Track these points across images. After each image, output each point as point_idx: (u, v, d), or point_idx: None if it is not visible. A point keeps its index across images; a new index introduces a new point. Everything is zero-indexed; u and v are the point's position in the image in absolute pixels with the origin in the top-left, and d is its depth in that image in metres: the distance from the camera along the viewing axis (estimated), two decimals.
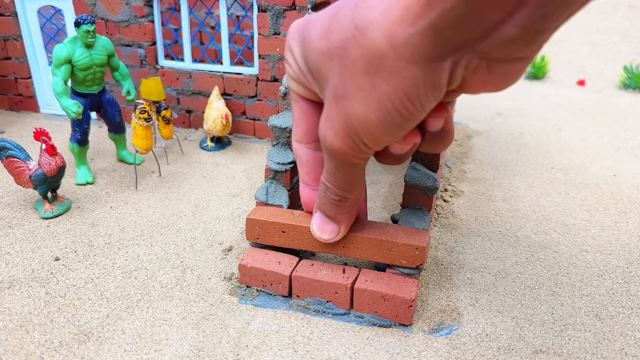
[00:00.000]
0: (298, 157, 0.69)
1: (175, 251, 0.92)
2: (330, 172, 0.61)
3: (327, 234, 0.72)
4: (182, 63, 1.44)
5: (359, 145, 0.54)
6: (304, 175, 0.71)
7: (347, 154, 0.56)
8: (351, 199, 0.65)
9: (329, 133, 0.55)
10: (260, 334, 0.73)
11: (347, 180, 0.61)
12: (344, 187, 0.62)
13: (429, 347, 0.72)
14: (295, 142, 0.68)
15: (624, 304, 0.82)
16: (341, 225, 0.71)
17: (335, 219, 0.70)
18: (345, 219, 0.70)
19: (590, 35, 3.19)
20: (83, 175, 1.16)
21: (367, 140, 0.53)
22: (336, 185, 0.63)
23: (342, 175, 0.60)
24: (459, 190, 1.18)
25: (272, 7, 1.28)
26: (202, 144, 1.39)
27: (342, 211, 0.67)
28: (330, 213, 0.68)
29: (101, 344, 0.70)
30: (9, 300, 0.78)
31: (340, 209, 0.67)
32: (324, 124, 0.55)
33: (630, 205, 1.13)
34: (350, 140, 0.54)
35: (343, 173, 0.60)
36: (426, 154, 0.82)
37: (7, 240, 0.93)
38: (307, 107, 0.64)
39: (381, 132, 0.51)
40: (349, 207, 0.67)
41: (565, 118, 1.74)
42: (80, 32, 1.07)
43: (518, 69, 0.45)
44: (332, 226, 0.71)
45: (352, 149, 0.55)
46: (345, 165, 0.58)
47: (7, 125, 1.47)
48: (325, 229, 0.72)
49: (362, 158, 0.57)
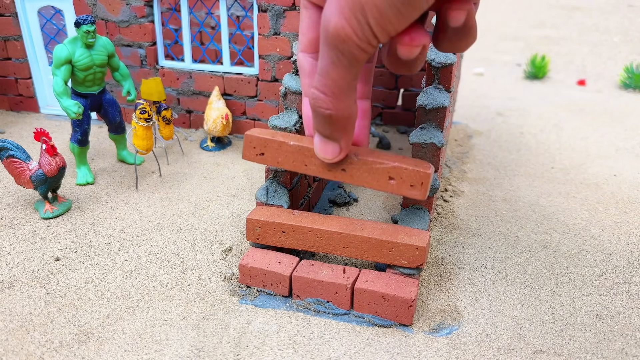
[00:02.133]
0: (302, 67, 0.70)
1: (175, 251, 0.92)
2: (323, 72, 0.60)
3: (330, 154, 0.73)
4: (182, 63, 1.44)
5: (364, 27, 0.54)
6: (306, 88, 0.72)
7: (350, 39, 0.55)
8: (341, 111, 0.64)
9: (333, 14, 0.54)
10: (261, 334, 0.73)
11: (339, 83, 0.60)
12: (334, 94, 0.61)
13: (429, 347, 0.72)
14: (300, 53, 0.69)
15: (624, 303, 0.82)
16: (340, 142, 0.71)
17: (332, 137, 0.70)
18: (342, 137, 0.70)
19: (591, 35, 3.19)
20: (83, 175, 1.16)
21: (372, 20, 0.52)
22: (327, 91, 0.61)
23: (336, 74, 0.59)
24: (459, 190, 1.18)
25: (272, 7, 1.28)
26: (202, 144, 1.39)
27: (336, 128, 0.67)
28: (326, 132, 0.69)
29: (101, 344, 0.70)
30: (9, 301, 0.78)
31: (333, 125, 0.66)
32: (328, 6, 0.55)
33: (631, 205, 1.13)
34: (355, 20, 0.53)
35: (337, 71, 0.59)
36: (426, 154, 0.82)
37: (8, 240, 0.93)
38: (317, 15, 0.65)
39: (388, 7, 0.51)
40: (341, 123, 0.66)
41: (565, 118, 1.74)
42: (80, 32, 1.07)
43: None
44: (332, 145, 0.71)
45: (356, 32, 0.54)
46: (344, 58, 0.57)
47: (8, 126, 1.47)
48: (327, 150, 0.72)
49: (363, 49, 0.56)
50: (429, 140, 0.80)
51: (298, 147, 0.78)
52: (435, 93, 0.82)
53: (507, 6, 4.08)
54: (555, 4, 4.03)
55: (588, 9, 3.85)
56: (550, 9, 3.92)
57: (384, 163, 0.75)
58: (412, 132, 0.82)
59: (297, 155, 0.79)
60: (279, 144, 0.79)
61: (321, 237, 0.79)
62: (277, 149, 0.79)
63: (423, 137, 0.81)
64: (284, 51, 1.32)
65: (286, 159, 0.79)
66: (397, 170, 0.76)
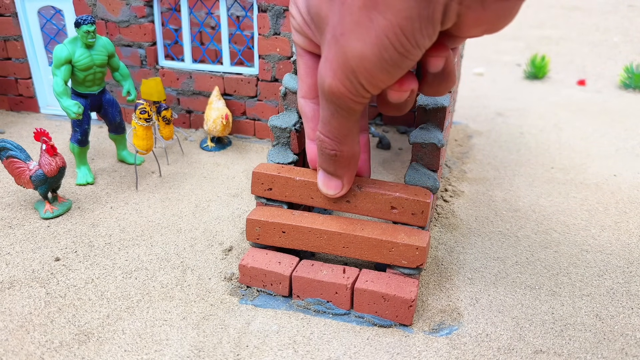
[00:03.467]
0: (303, 113, 0.72)
1: (175, 251, 0.92)
2: (325, 120, 0.62)
3: (332, 190, 0.75)
4: (182, 63, 1.44)
5: (356, 86, 0.55)
6: (309, 132, 0.73)
7: (344, 96, 0.57)
8: (346, 152, 0.66)
9: (327, 74, 0.56)
10: (261, 334, 0.73)
11: (341, 131, 0.62)
12: (338, 138, 0.64)
13: (429, 347, 0.72)
14: (301, 99, 0.71)
15: (624, 304, 0.82)
16: (343, 179, 0.73)
17: (335, 174, 0.72)
18: (345, 174, 0.72)
19: (591, 35, 3.19)
20: (83, 175, 1.16)
21: (363, 80, 0.54)
22: (331, 137, 0.64)
23: (337, 124, 0.62)
24: (459, 190, 1.18)
25: (272, 7, 1.28)
26: (202, 144, 1.39)
27: (340, 166, 0.70)
28: (330, 169, 0.71)
29: (101, 344, 0.70)
30: (9, 301, 0.78)
31: (338, 164, 0.69)
32: (322, 66, 0.57)
33: (631, 205, 1.13)
34: (347, 80, 0.55)
35: (338, 121, 0.61)
36: (426, 154, 0.82)
37: (8, 240, 0.93)
38: (312, 62, 0.67)
39: (377, 70, 0.52)
40: (345, 162, 0.69)
41: (565, 118, 1.74)
42: (80, 32, 1.07)
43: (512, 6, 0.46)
44: (335, 181, 0.74)
45: (349, 90, 0.56)
46: (342, 110, 0.59)
47: (8, 126, 1.47)
48: (330, 185, 0.74)
49: (358, 102, 0.58)
50: (429, 140, 0.80)
51: (304, 182, 0.80)
52: None
53: None
54: (555, 4, 4.03)
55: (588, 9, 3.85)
56: (550, 9, 3.92)
57: (386, 194, 0.77)
58: (412, 132, 0.82)
59: (303, 189, 0.81)
60: (285, 179, 0.81)
61: (321, 237, 0.79)
62: (284, 184, 0.82)
63: (423, 137, 0.81)
64: (284, 51, 1.32)
65: (293, 192, 0.82)
66: (398, 200, 0.77)
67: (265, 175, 0.82)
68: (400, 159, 1.35)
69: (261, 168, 0.83)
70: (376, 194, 0.78)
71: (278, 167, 0.84)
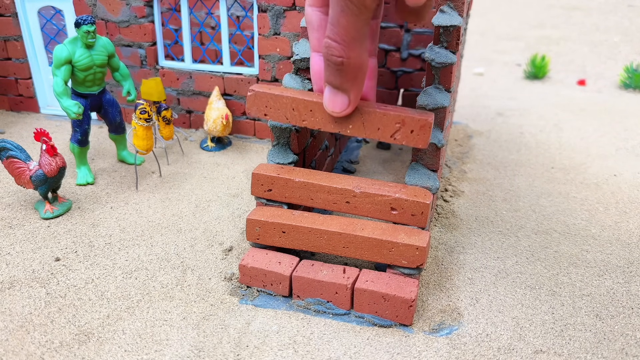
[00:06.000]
0: (310, 22, 0.70)
1: (175, 251, 0.92)
2: (334, 21, 0.61)
3: (338, 107, 0.72)
4: (182, 63, 1.44)
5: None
6: (315, 42, 0.71)
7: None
8: (353, 59, 0.64)
9: None
10: (261, 334, 0.73)
11: (350, 31, 0.61)
12: (346, 42, 0.62)
13: (429, 347, 0.72)
14: (308, 7, 0.69)
15: (624, 303, 0.82)
16: (350, 94, 0.70)
17: (342, 87, 0.69)
18: (352, 87, 0.69)
19: (591, 35, 3.19)
20: (83, 175, 1.16)
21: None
22: (339, 39, 0.62)
23: (346, 22, 0.60)
24: (459, 190, 1.18)
25: (272, 7, 1.28)
26: (202, 144, 1.39)
27: (347, 78, 0.67)
28: (337, 81, 0.68)
29: (102, 345, 0.70)
30: (9, 301, 0.78)
31: (344, 74, 0.66)
32: None
33: (631, 205, 1.13)
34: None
35: (347, 18, 0.60)
36: (426, 154, 0.82)
37: (8, 240, 0.93)
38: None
39: None
40: (352, 73, 0.66)
41: (565, 118, 1.74)
42: (80, 32, 1.07)
43: None
44: (342, 97, 0.71)
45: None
46: (353, 5, 0.58)
47: (8, 126, 1.47)
48: (336, 102, 0.71)
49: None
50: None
51: (303, 183, 0.80)
52: (435, 93, 0.82)
53: (507, 6, 4.08)
54: (555, 4, 4.03)
55: (588, 9, 3.86)
56: (550, 9, 3.92)
57: (385, 195, 0.77)
58: None
59: (302, 190, 0.81)
60: (285, 180, 0.81)
61: (321, 237, 0.79)
62: (284, 185, 0.82)
63: None
64: (284, 51, 1.32)
65: (293, 193, 0.82)
66: (398, 202, 0.77)
67: (265, 176, 0.82)
68: (400, 159, 1.35)
69: (261, 169, 0.83)
70: (376, 195, 0.78)
71: (278, 168, 0.84)
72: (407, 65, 1.46)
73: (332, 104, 0.72)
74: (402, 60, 1.47)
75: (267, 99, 0.78)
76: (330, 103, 0.72)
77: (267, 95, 0.78)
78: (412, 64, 1.45)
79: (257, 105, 0.79)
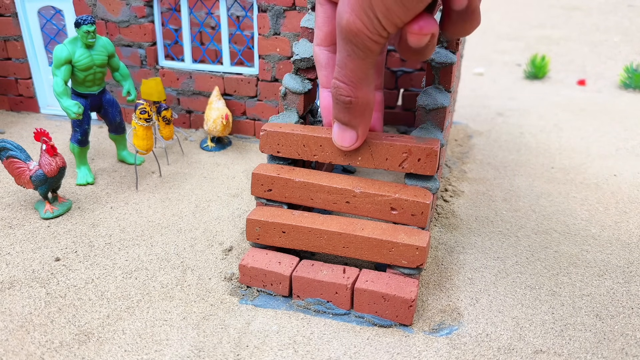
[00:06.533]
0: (318, 61, 0.72)
1: (175, 251, 0.92)
2: (341, 64, 0.62)
3: (347, 142, 0.74)
4: (182, 63, 1.44)
5: (373, 22, 0.56)
6: (323, 79, 0.74)
7: (362, 33, 0.58)
8: (361, 99, 0.66)
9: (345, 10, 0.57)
10: (261, 334, 0.73)
11: (357, 74, 0.62)
12: (353, 83, 0.64)
13: (429, 347, 0.72)
14: (316, 47, 0.72)
15: (624, 303, 0.82)
16: (358, 129, 0.72)
17: (350, 124, 0.71)
18: (360, 124, 0.71)
19: (591, 35, 3.19)
20: (83, 175, 1.16)
21: (380, 14, 0.55)
22: (346, 81, 0.64)
23: (353, 65, 0.62)
24: (459, 190, 1.18)
25: (272, 7, 1.28)
26: (202, 144, 1.39)
27: (354, 115, 0.69)
28: (345, 119, 0.70)
29: (102, 345, 0.70)
30: (9, 301, 0.78)
31: (352, 112, 0.68)
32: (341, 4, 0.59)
33: (631, 205, 1.13)
34: (365, 15, 0.56)
35: (354, 62, 0.61)
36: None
37: (8, 240, 0.93)
38: (331, 11, 0.68)
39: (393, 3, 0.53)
40: (360, 110, 0.68)
41: (565, 118, 1.74)
42: (80, 32, 1.07)
43: None
44: (350, 132, 0.73)
45: (366, 26, 0.57)
46: (359, 50, 0.60)
47: (8, 126, 1.47)
48: (345, 137, 0.74)
49: (375, 41, 0.58)
50: None
51: (303, 183, 0.80)
52: (435, 93, 0.82)
53: (507, 6, 4.08)
54: (555, 4, 4.03)
55: (588, 9, 3.85)
56: (550, 9, 3.92)
57: (385, 195, 0.77)
58: (412, 132, 0.82)
59: (302, 190, 0.81)
60: (285, 180, 0.81)
61: (321, 237, 0.79)
62: (284, 185, 0.82)
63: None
64: (284, 51, 1.32)
65: (293, 193, 0.82)
66: (398, 202, 0.77)
67: (264, 176, 0.83)
68: None
69: (261, 169, 0.84)
70: (376, 195, 0.78)
71: (278, 168, 0.84)
72: (407, 65, 1.47)
73: (341, 139, 0.75)
74: (402, 60, 1.47)
75: (279, 137, 0.82)
76: (339, 138, 0.75)
77: (279, 134, 0.82)
78: (412, 63, 1.45)
79: (270, 144, 0.84)
